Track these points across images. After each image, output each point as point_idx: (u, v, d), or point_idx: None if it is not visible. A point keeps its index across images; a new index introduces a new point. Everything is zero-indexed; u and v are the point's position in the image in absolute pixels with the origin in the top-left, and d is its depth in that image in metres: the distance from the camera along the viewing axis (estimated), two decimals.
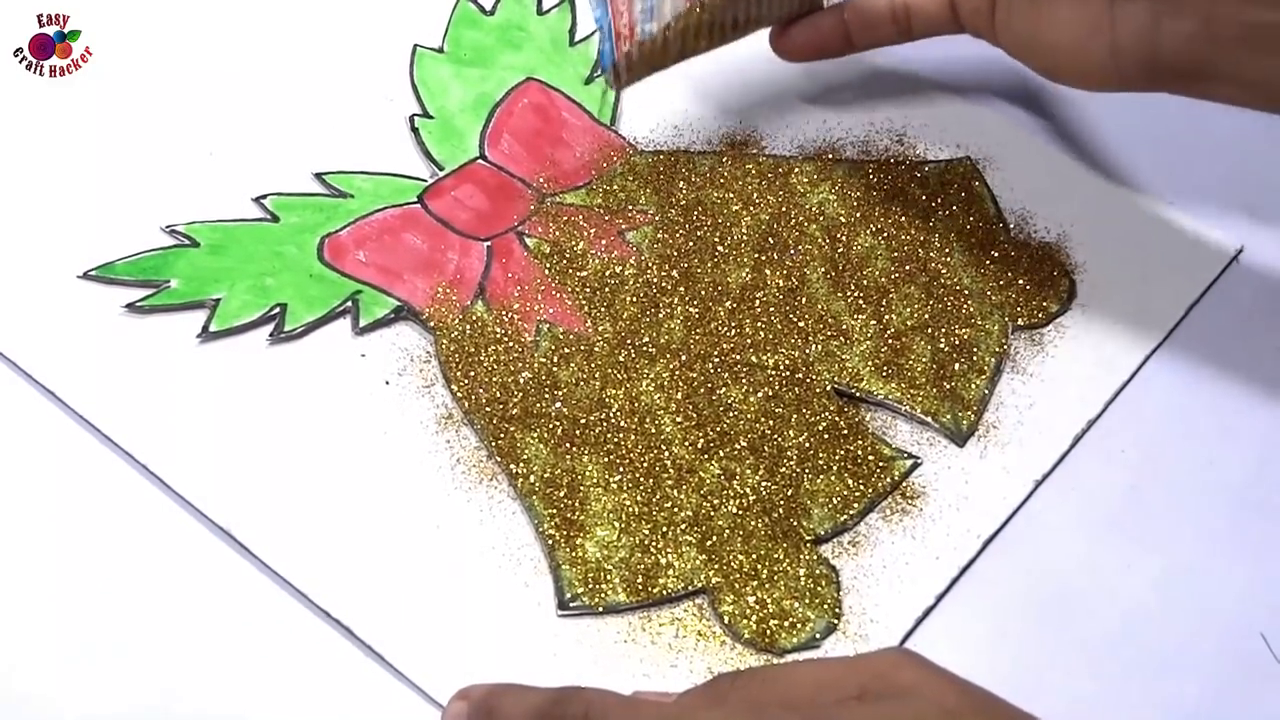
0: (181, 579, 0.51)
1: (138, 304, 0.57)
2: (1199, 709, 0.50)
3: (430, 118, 0.64)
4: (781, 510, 0.52)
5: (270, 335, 0.56)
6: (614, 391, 0.55)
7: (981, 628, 0.51)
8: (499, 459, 0.53)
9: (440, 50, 0.67)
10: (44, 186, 0.62)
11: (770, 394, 0.55)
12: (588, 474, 0.53)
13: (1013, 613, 0.52)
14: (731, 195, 0.61)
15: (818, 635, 0.49)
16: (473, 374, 0.55)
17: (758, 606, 0.50)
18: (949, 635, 0.51)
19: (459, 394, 0.55)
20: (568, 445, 0.53)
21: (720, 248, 0.60)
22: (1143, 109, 0.65)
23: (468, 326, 0.57)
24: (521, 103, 0.65)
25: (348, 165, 0.62)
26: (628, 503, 0.52)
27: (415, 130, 0.63)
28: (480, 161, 0.62)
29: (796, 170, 0.63)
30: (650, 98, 0.65)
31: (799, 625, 0.50)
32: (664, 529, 0.52)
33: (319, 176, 0.62)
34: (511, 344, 0.56)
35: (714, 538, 0.51)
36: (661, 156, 0.63)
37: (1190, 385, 0.58)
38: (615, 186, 0.62)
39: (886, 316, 0.58)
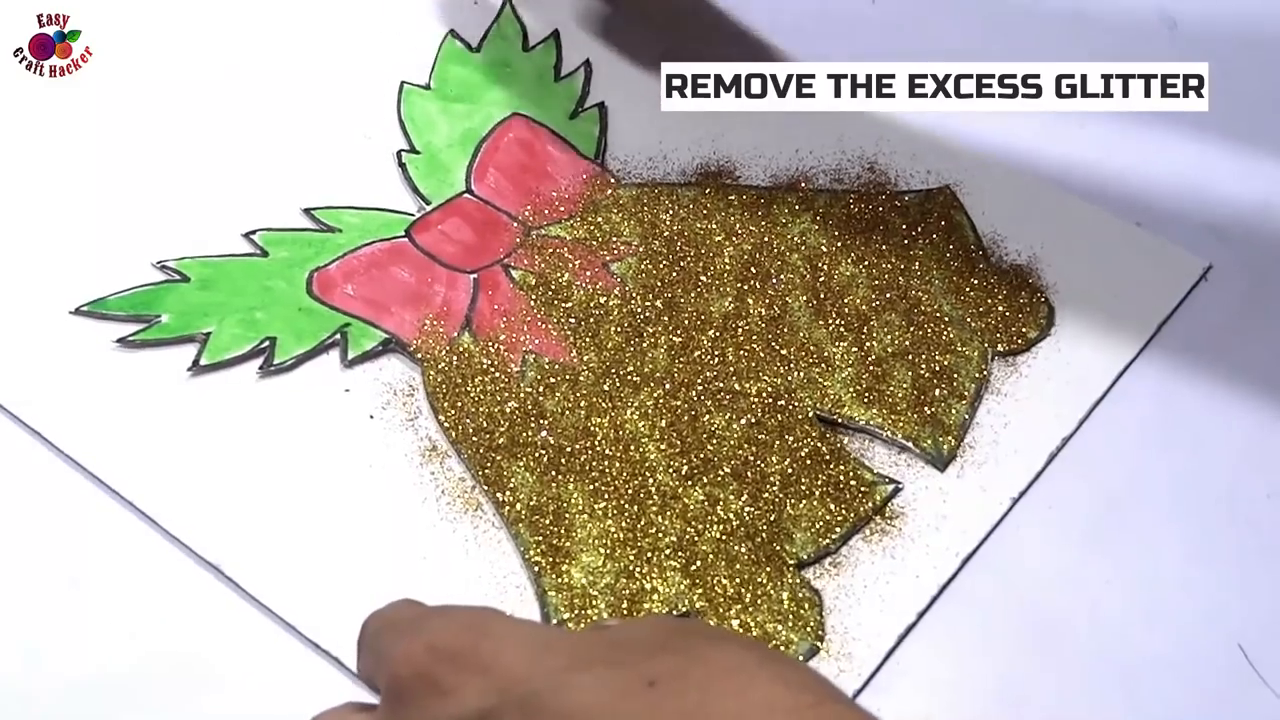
0: (170, 615, 0.51)
1: (129, 338, 0.57)
2: None
3: (417, 153, 0.65)
4: (765, 535, 0.52)
5: (260, 368, 0.57)
6: (599, 420, 0.55)
7: (963, 644, 0.51)
8: (486, 488, 0.54)
9: (427, 87, 0.67)
10: (43, 192, 0.63)
11: (753, 421, 0.55)
12: (573, 501, 0.53)
13: (993, 629, 0.52)
14: (714, 226, 0.62)
15: (801, 657, 0.49)
16: (460, 404, 0.56)
17: (741, 630, 0.50)
18: (931, 652, 0.51)
19: (446, 424, 0.55)
20: (554, 473, 0.54)
21: (703, 278, 0.60)
22: (1111, 131, 0.66)
23: (455, 358, 0.57)
24: (507, 138, 0.65)
25: (336, 200, 0.63)
26: (613, 529, 0.52)
27: (402, 166, 0.64)
28: (467, 196, 0.63)
29: (778, 201, 0.63)
30: (631, 131, 0.66)
31: (782, 648, 0.50)
32: (648, 554, 0.52)
33: (308, 212, 0.62)
34: (498, 374, 0.56)
35: (698, 563, 0.52)
36: (645, 189, 0.64)
37: (1162, 402, 0.59)
38: (600, 219, 0.62)
39: (868, 344, 0.58)
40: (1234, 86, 0.66)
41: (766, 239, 0.62)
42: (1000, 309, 0.60)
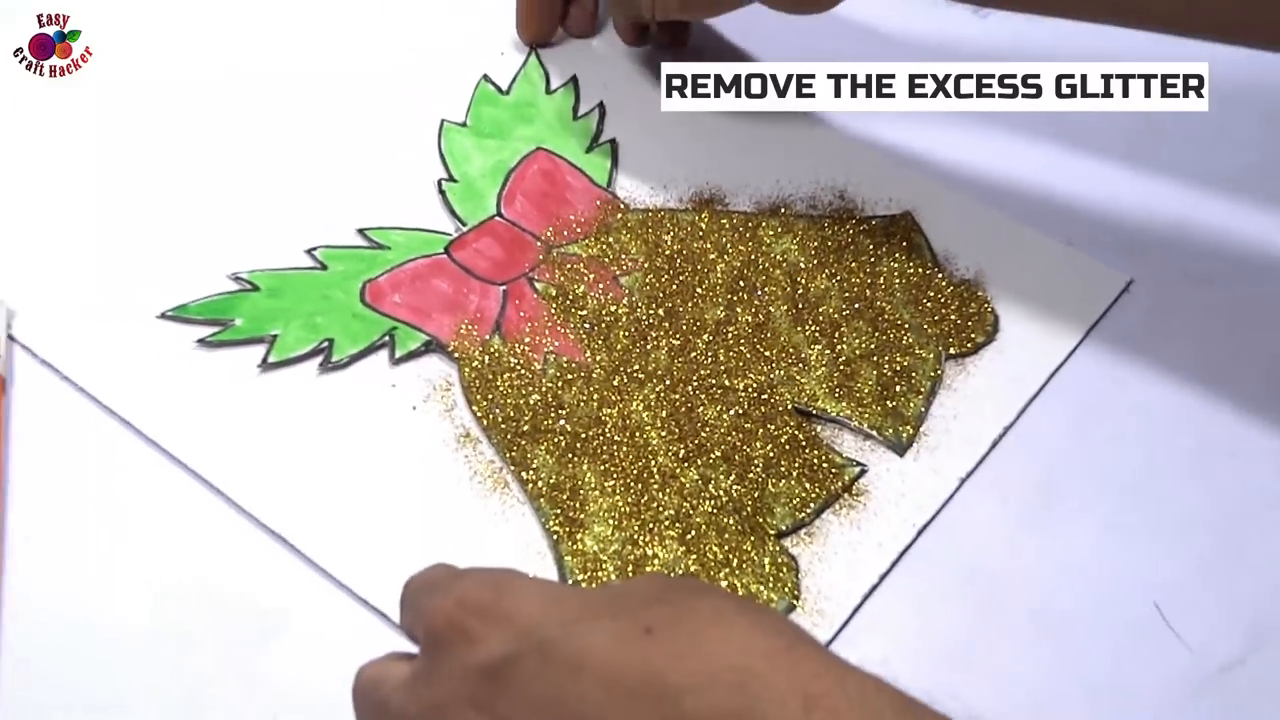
0: (242, 577, 0.53)
1: (207, 339, 0.60)
2: (1103, 670, 0.52)
3: (455, 181, 0.68)
4: (749, 509, 0.55)
5: (320, 366, 0.59)
6: (609, 410, 0.58)
7: (918, 603, 0.53)
8: (512, 468, 0.56)
9: (464, 124, 0.71)
10: (46, 193, 0.63)
11: (740, 412, 0.58)
12: (587, 480, 0.56)
13: (943, 590, 0.54)
14: (709, 246, 0.65)
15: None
16: (490, 397, 0.58)
17: (729, 590, 0.52)
18: (890, 609, 0.53)
19: (479, 414, 0.58)
20: (570, 456, 0.56)
21: (699, 290, 0.63)
22: (1045, 163, 0.70)
23: (486, 357, 0.60)
24: (532, 169, 0.68)
25: (386, 222, 0.65)
26: (620, 504, 0.55)
27: (442, 192, 0.67)
28: (498, 218, 0.66)
29: (764, 225, 0.66)
30: (638, 163, 0.69)
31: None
32: (650, 525, 0.54)
33: (361, 231, 0.65)
34: (523, 371, 0.59)
35: (693, 532, 0.54)
36: (649, 213, 0.66)
37: (1089, 397, 0.60)
38: (611, 239, 0.65)
39: (839, 346, 0.61)
40: (1157, 122, 0.70)
41: (753, 257, 0.64)
42: (952, 318, 0.63)
